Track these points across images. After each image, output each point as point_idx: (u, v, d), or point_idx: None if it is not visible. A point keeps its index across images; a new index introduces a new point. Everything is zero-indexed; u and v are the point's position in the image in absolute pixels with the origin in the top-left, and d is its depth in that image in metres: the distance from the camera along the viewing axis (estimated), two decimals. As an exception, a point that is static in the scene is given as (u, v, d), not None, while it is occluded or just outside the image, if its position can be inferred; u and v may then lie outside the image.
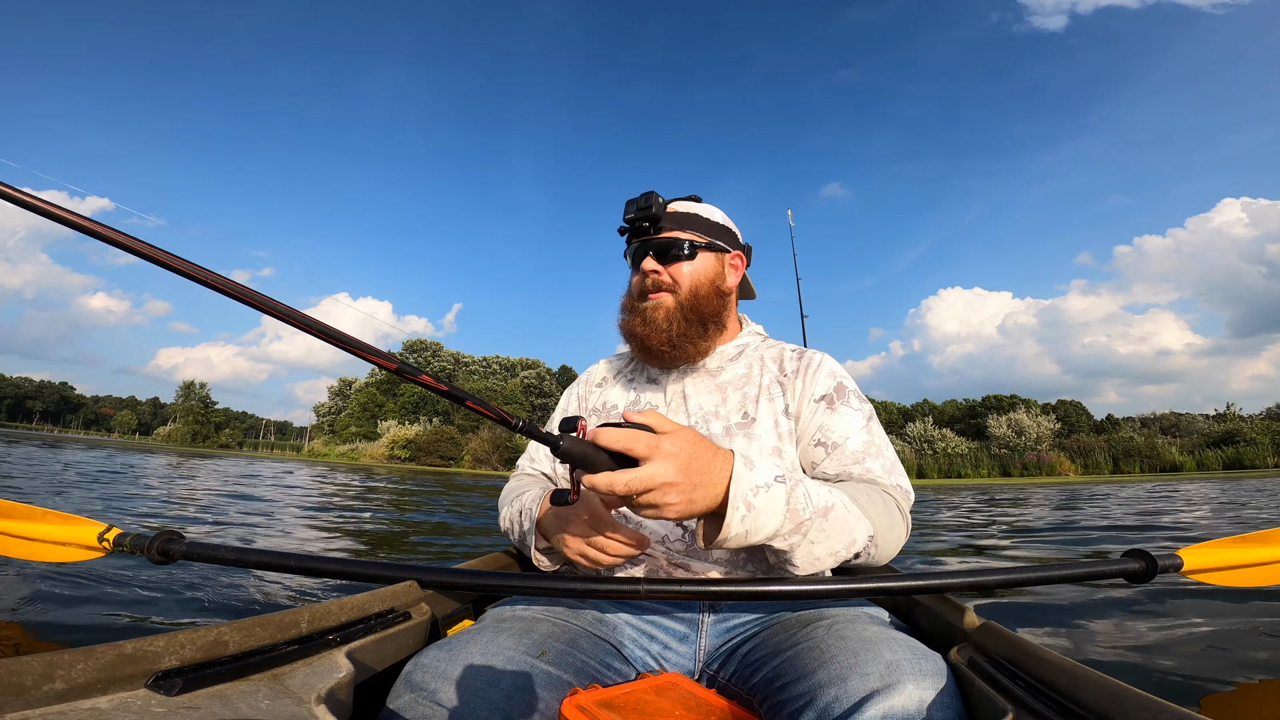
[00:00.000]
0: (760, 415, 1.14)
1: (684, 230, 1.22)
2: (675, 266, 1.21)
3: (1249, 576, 1.19)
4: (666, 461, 0.76)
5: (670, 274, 1.21)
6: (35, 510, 1.16)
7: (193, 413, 49.62)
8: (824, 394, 1.15)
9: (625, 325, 1.26)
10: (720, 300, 1.23)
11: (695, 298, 1.20)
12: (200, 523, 4.32)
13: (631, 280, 1.28)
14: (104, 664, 0.62)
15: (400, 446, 38.45)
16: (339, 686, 0.74)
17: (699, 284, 1.21)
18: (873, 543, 0.94)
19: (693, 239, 1.22)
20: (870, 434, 1.11)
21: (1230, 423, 32.77)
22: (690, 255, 1.21)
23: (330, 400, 52.53)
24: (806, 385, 1.16)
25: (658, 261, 1.21)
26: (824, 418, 1.12)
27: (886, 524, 0.98)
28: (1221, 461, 26.77)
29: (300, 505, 6.30)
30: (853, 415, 1.12)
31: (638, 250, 1.24)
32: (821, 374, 1.18)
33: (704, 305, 1.21)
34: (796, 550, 0.86)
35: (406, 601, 0.99)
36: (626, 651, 1.00)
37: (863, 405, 1.15)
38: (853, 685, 0.72)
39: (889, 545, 0.98)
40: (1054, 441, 33.06)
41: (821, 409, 1.13)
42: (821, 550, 0.88)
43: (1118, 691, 0.64)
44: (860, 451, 1.08)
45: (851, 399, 1.15)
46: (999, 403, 38.90)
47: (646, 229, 1.22)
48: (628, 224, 1.24)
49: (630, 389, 1.30)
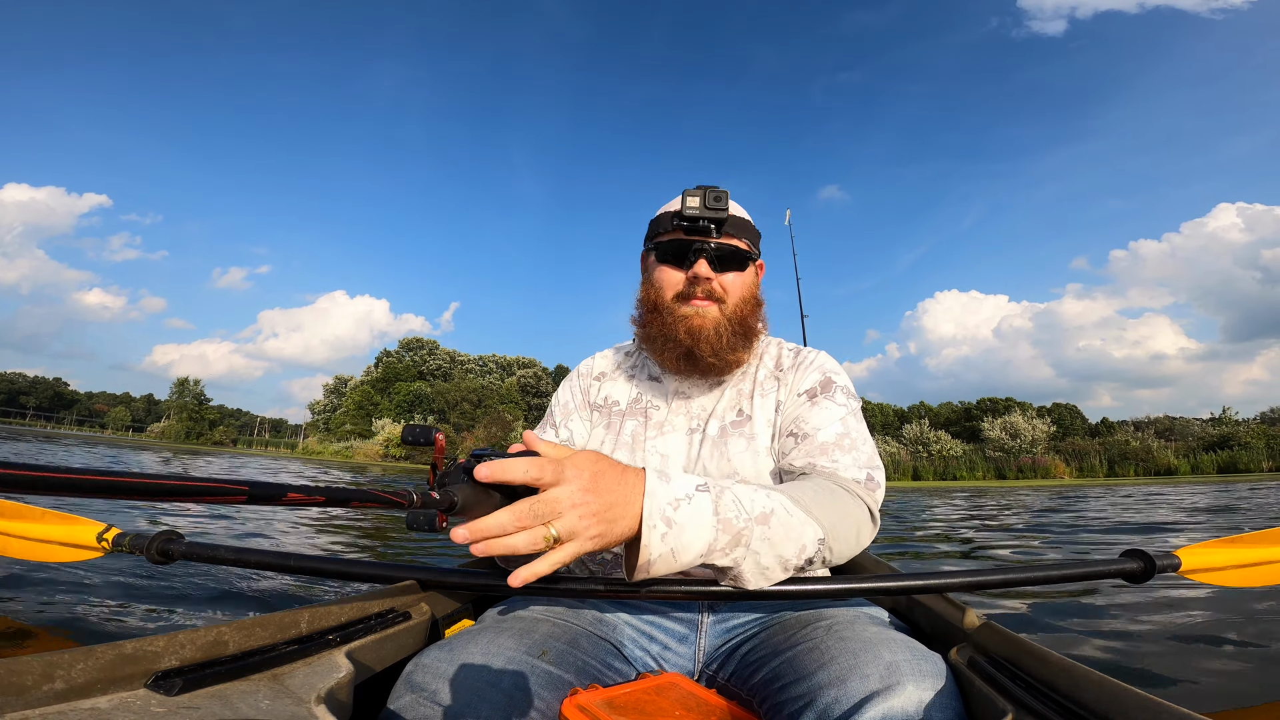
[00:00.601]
0: (755, 413, 1.13)
1: (741, 238, 1.15)
2: (728, 275, 1.14)
3: (1246, 576, 1.20)
4: (570, 483, 0.69)
5: (721, 283, 1.14)
6: (34, 510, 1.15)
7: (187, 409, 49.35)
8: (809, 388, 1.13)
9: (660, 328, 1.15)
10: (757, 311, 1.19)
11: (741, 310, 1.15)
12: (186, 517, 4.30)
13: (662, 277, 1.17)
14: (104, 664, 0.62)
15: (395, 445, 38.20)
16: (339, 686, 0.74)
17: (746, 296, 1.16)
18: (824, 545, 0.86)
19: (748, 249, 1.16)
20: (845, 426, 1.06)
21: (1225, 426, 32.94)
22: (743, 265, 1.16)
23: (325, 398, 52.22)
24: (796, 381, 1.15)
25: (712, 269, 1.13)
26: (802, 410, 1.10)
27: (838, 522, 0.90)
28: (1216, 465, 26.88)
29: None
30: (833, 409, 1.09)
31: (692, 250, 1.13)
32: (812, 369, 1.16)
33: (748, 317, 1.16)
34: (743, 564, 0.78)
35: (406, 601, 0.99)
36: (627, 652, 1.00)
37: (848, 401, 1.11)
38: (852, 686, 0.72)
39: (843, 544, 0.90)
40: (1049, 444, 33.18)
41: (802, 402, 1.11)
42: (769, 560, 0.80)
43: (1118, 691, 0.64)
44: (830, 443, 1.03)
45: (837, 394, 1.11)
46: (994, 405, 39.00)
47: (710, 230, 1.12)
48: (687, 220, 1.11)
49: (633, 386, 1.26)
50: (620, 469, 0.75)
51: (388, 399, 46.76)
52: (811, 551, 0.85)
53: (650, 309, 1.19)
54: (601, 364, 1.34)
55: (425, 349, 52.89)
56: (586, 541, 0.69)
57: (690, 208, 1.10)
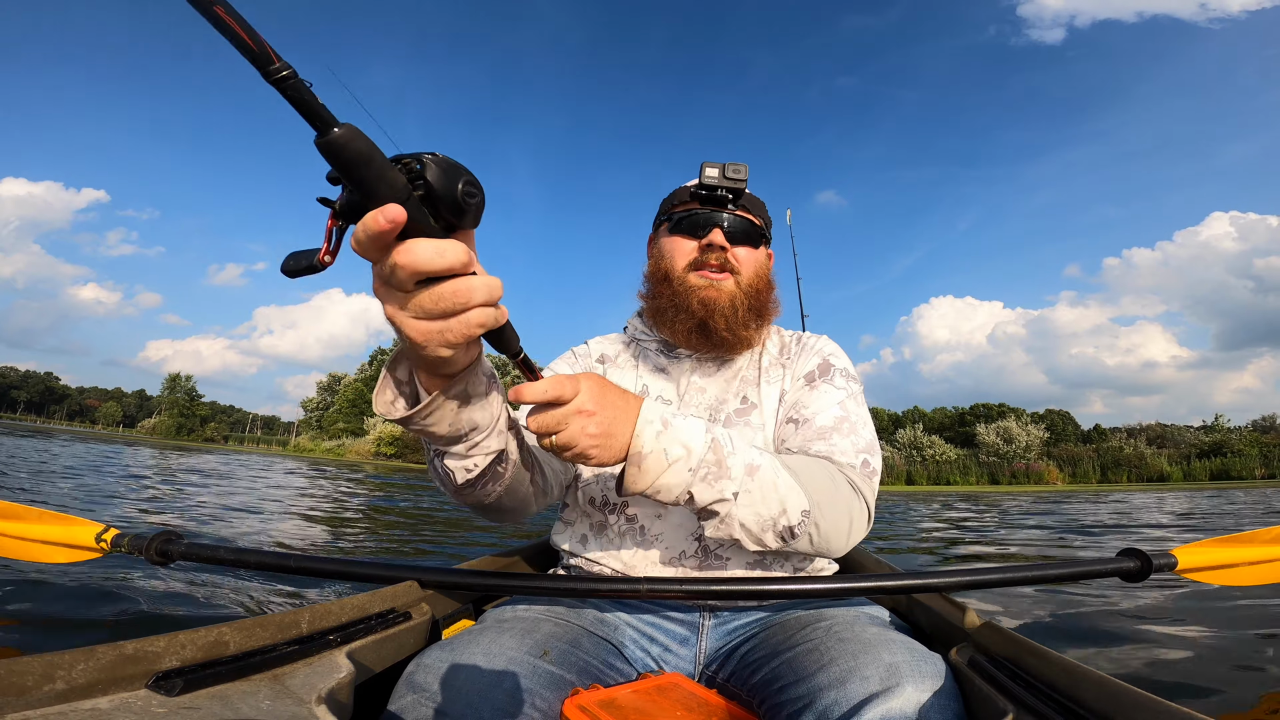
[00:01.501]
0: (762, 401, 1.12)
1: (755, 215, 1.16)
2: (743, 249, 1.14)
3: (1242, 575, 1.21)
4: (581, 395, 0.74)
5: (734, 255, 1.13)
6: (31, 510, 1.14)
7: (178, 405, 48.96)
8: (808, 371, 1.13)
9: (670, 299, 1.14)
10: (770, 293, 1.18)
11: (755, 286, 1.14)
12: (187, 518, 4.27)
13: (673, 246, 1.16)
14: (104, 664, 0.61)
15: (387, 443, 38.10)
16: (339, 687, 0.74)
17: (759, 274, 1.16)
18: (808, 519, 0.86)
19: (762, 226, 1.17)
20: (844, 410, 1.05)
21: (1218, 434, 33.15)
22: (756, 242, 1.16)
23: (319, 395, 51.83)
24: (798, 366, 1.15)
25: (726, 239, 1.13)
26: (801, 395, 1.10)
27: (828, 500, 0.89)
28: (1209, 472, 27.05)
29: (274, 510, 6.23)
30: (832, 392, 1.08)
31: (706, 219, 1.13)
32: (812, 353, 1.16)
33: (762, 295, 1.15)
34: (732, 503, 0.81)
35: (407, 602, 0.99)
36: (627, 652, 1.00)
37: (848, 384, 1.10)
38: (852, 688, 0.72)
39: (833, 524, 0.90)
40: (1043, 450, 33.32)
41: (801, 387, 1.11)
42: (748, 514, 0.83)
43: (1118, 691, 0.64)
44: (828, 427, 1.02)
45: (836, 377, 1.11)
46: (987, 411, 39.14)
47: (727, 200, 1.12)
48: (705, 189, 1.11)
49: (637, 375, 1.21)
50: (624, 392, 0.80)
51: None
52: (795, 520, 0.85)
53: (660, 279, 1.16)
54: (602, 347, 1.29)
55: (418, 347, 52.41)
56: (586, 441, 0.74)
57: (709, 177, 1.10)
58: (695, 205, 1.15)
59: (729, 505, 0.82)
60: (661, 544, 1.05)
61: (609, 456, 0.77)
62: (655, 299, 1.17)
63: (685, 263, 1.14)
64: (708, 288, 1.11)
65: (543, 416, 0.73)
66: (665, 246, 1.18)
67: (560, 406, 0.73)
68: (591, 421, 0.74)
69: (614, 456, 0.78)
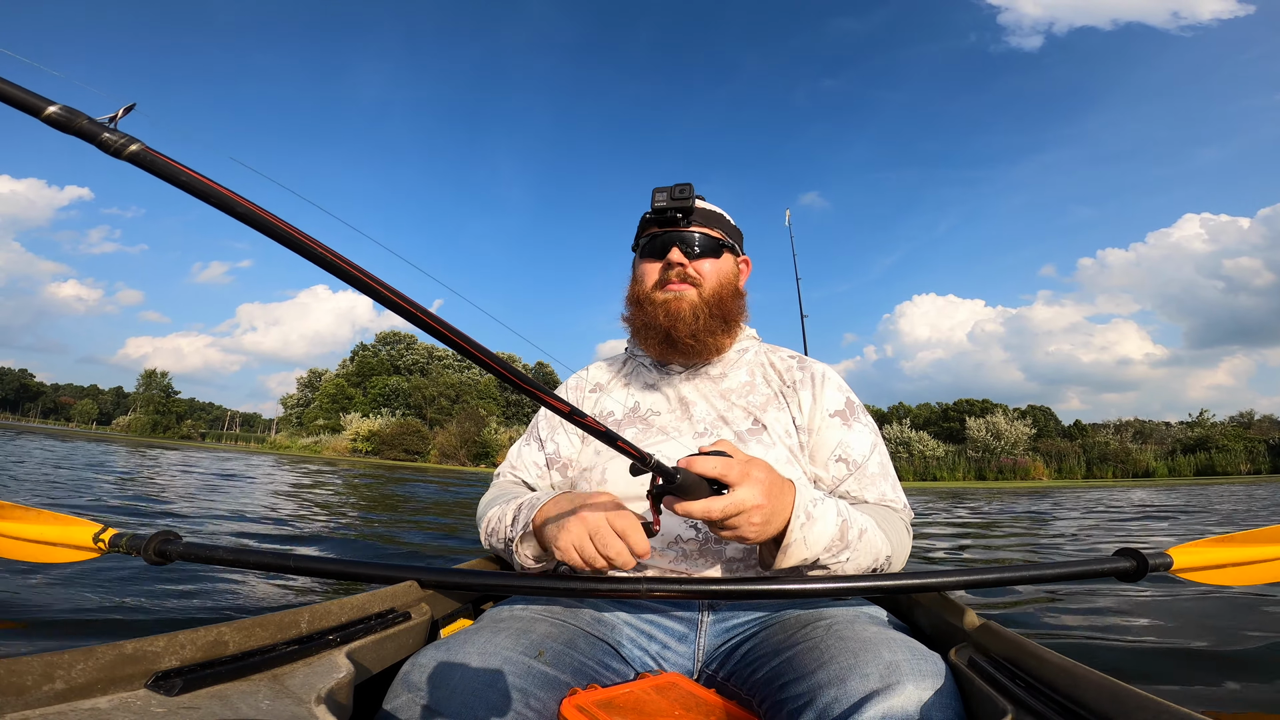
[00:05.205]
0: (771, 424, 1.15)
1: (711, 228, 1.22)
2: (702, 262, 1.20)
3: (1237, 575, 1.21)
4: (755, 486, 0.80)
5: (695, 268, 1.20)
6: (29, 510, 1.13)
7: (153, 402, 48.28)
8: (838, 409, 1.17)
9: (641, 318, 1.22)
10: (737, 301, 1.24)
11: (718, 295, 1.20)
12: (185, 517, 4.23)
13: (643, 271, 1.25)
14: (104, 664, 0.61)
15: (363, 439, 37.82)
16: (339, 687, 0.74)
17: (723, 282, 1.22)
18: (888, 562, 1.00)
19: (720, 237, 1.23)
20: (881, 454, 1.15)
21: (1201, 429, 33.56)
22: (717, 253, 1.22)
23: (299, 392, 51.22)
24: (818, 400, 1.18)
25: (684, 255, 1.19)
26: (841, 434, 1.14)
27: (900, 546, 1.04)
28: (1194, 467, 27.36)
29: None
30: (865, 434, 1.16)
31: (663, 240, 1.21)
32: (830, 388, 1.20)
33: (726, 303, 1.21)
34: (833, 568, 0.92)
35: (406, 602, 0.99)
36: (625, 651, 1.00)
37: (869, 420, 1.19)
38: (852, 686, 0.72)
39: (897, 562, 1.04)
40: (1029, 445, 33.64)
41: (837, 425, 1.15)
42: (851, 569, 0.94)
43: (1118, 691, 0.65)
44: (877, 474, 1.12)
45: (860, 415, 1.18)
46: (971, 407, 39.36)
47: (678, 220, 1.20)
48: (656, 212, 1.19)
49: (629, 394, 1.28)
50: (781, 477, 0.87)
51: (362, 393, 46.20)
52: (879, 566, 0.98)
53: (635, 303, 1.25)
54: (595, 375, 1.37)
55: (403, 343, 52.25)
56: (748, 530, 0.82)
57: (659, 200, 1.18)
58: (655, 229, 1.23)
59: (840, 565, 0.93)
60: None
61: (759, 541, 0.86)
62: (633, 320, 1.26)
63: (652, 283, 1.22)
64: (672, 299, 1.19)
65: (723, 508, 0.79)
66: (637, 272, 1.27)
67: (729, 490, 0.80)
68: (759, 513, 0.81)
69: (763, 540, 0.88)
